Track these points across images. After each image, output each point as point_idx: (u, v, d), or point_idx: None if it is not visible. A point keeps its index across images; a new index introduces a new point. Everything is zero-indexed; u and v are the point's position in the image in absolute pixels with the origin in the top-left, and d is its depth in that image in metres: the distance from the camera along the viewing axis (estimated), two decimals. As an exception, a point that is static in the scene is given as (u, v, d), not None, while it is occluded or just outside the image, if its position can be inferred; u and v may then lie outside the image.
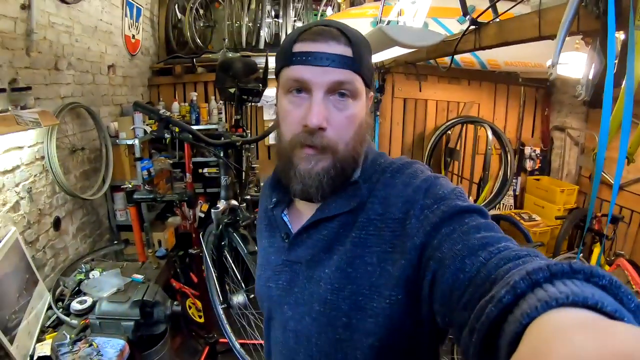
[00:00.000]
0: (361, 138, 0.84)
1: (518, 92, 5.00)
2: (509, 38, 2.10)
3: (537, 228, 4.31)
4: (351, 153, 0.82)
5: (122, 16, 3.76)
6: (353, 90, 0.79)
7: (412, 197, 0.77)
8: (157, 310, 2.36)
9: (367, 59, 0.82)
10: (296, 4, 4.95)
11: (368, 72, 0.82)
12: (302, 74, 0.77)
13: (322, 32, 0.78)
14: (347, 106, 0.79)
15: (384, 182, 0.83)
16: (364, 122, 0.84)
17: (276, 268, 0.92)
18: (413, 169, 0.83)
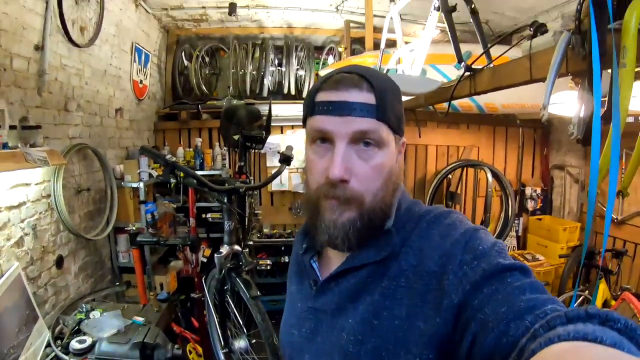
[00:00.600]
0: (391, 188, 0.81)
1: (516, 134, 5.09)
2: (502, 83, 2.18)
3: (541, 268, 4.26)
4: (379, 204, 0.79)
5: (130, 61, 3.90)
6: (378, 139, 0.76)
7: (450, 250, 0.71)
8: (157, 353, 2.32)
9: (393, 105, 0.79)
10: (299, 53, 5.13)
11: (395, 118, 0.79)
12: (324, 125, 0.76)
13: (343, 80, 0.77)
14: (373, 156, 0.77)
15: (420, 233, 0.79)
16: (393, 170, 0.81)
17: (301, 315, 0.89)
18: (451, 219, 0.79)
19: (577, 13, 1.45)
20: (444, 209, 0.83)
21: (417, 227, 0.80)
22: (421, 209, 0.84)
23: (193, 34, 5.10)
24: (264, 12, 4.63)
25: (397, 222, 0.82)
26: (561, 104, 2.38)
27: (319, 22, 4.93)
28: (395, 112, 0.80)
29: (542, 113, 1.70)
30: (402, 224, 0.81)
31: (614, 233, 4.03)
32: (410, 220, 0.82)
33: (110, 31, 3.44)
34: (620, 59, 1.28)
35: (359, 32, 4.79)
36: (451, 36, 2.60)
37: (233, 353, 2.45)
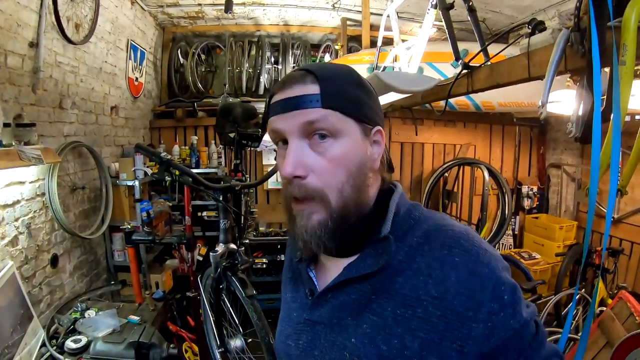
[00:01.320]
0: (361, 181, 0.75)
1: (513, 132, 5.10)
2: (499, 80, 2.17)
3: (537, 266, 4.28)
4: (350, 200, 0.73)
5: (126, 59, 3.88)
6: (329, 128, 0.72)
7: (478, 293, 0.67)
8: (153, 352, 2.31)
9: (346, 91, 0.74)
10: (295, 51, 5.11)
11: (350, 104, 0.74)
12: (275, 124, 0.75)
13: (287, 79, 0.75)
14: (328, 148, 0.72)
15: (435, 254, 0.71)
16: (363, 162, 0.75)
17: (297, 326, 0.84)
18: (471, 243, 0.71)
19: (576, 10, 1.44)
20: (457, 228, 0.75)
21: (430, 245, 0.72)
22: (423, 214, 0.79)
23: (189, 31, 5.07)
24: (261, 10, 4.61)
25: (396, 228, 0.76)
26: (558, 103, 2.37)
27: (316, 19, 4.91)
28: (350, 97, 0.74)
29: (541, 111, 1.69)
30: (401, 231, 0.76)
31: (611, 232, 4.05)
32: (412, 228, 0.76)
33: (106, 28, 3.41)
34: (620, 56, 1.27)
35: (356, 30, 4.79)
36: (449, 34, 2.59)
37: (229, 352, 2.43)
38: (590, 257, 3.57)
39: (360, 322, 0.73)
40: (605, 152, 1.50)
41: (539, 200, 5.13)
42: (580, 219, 4.65)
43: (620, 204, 3.98)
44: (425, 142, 4.97)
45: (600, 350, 2.35)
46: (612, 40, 1.30)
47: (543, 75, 1.66)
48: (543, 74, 1.66)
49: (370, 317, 0.72)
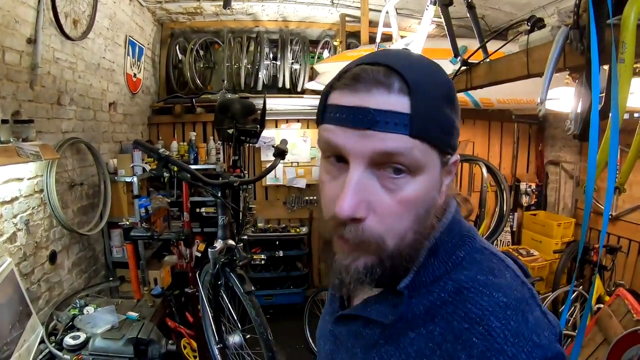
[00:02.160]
0: (427, 228, 0.61)
1: (512, 129, 5.10)
2: (498, 77, 2.17)
3: (535, 263, 4.29)
4: (409, 248, 0.59)
5: (124, 55, 3.87)
6: (411, 163, 0.55)
7: None
8: (151, 348, 2.31)
9: (439, 111, 0.57)
10: (294, 47, 5.10)
11: (440, 130, 0.57)
12: (334, 138, 0.57)
13: (363, 75, 0.55)
14: (402, 186, 0.56)
15: (456, 328, 0.56)
16: (434, 204, 0.61)
17: (326, 332, 0.79)
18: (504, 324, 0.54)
19: (575, 8, 1.44)
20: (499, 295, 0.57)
21: (455, 308, 0.57)
22: (469, 263, 0.62)
23: (187, 27, 5.06)
24: (259, 6, 4.60)
25: (427, 271, 0.62)
26: (557, 100, 2.38)
27: (315, 15, 4.90)
28: (443, 122, 0.57)
29: (539, 108, 1.69)
30: (432, 277, 0.62)
31: (608, 229, 4.06)
32: (447, 275, 0.61)
33: (104, 24, 3.40)
34: (619, 54, 1.28)
35: (355, 26, 4.78)
36: (447, 30, 2.58)
37: (227, 348, 2.44)
38: (588, 254, 3.59)
39: (367, 358, 0.66)
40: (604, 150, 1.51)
41: (537, 197, 5.14)
42: (578, 216, 4.66)
43: (618, 201, 3.99)
44: (423, 139, 4.97)
45: (598, 347, 2.36)
46: (611, 38, 1.31)
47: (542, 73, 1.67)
48: (542, 71, 1.67)
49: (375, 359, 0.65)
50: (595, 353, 2.36)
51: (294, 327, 4.35)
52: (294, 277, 5.03)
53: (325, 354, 0.78)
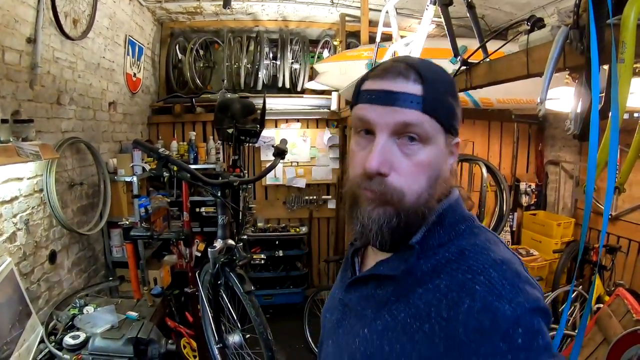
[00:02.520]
0: (437, 192, 0.76)
1: (511, 129, 5.09)
2: (498, 77, 2.17)
3: (535, 263, 4.29)
4: (422, 207, 0.74)
5: (124, 54, 3.87)
6: (422, 133, 0.72)
7: (488, 330, 0.63)
8: (151, 348, 2.32)
9: (444, 99, 0.75)
10: (294, 46, 5.10)
11: (445, 113, 0.74)
12: (366, 114, 0.74)
13: (390, 69, 0.74)
14: (417, 152, 0.72)
15: (462, 280, 0.68)
16: (442, 172, 0.76)
17: (335, 302, 0.90)
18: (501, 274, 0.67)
19: (575, 7, 1.44)
20: (496, 254, 0.71)
21: (458, 264, 0.70)
22: (470, 234, 0.76)
23: (187, 26, 5.06)
24: (259, 5, 4.60)
25: (434, 237, 0.75)
26: (557, 100, 2.37)
27: (314, 15, 4.90)
28: (446, 106, 0.75)
29: (539, 108, 1.69)
30: (438, 241, 0.75)
31: (608, 229, 4.06)
32: (450, 241, 0.75)
33: (104, 24, 3.40)
34: (619, 54, 1.27)
35: (355, 25, 4.78)
36: (447, 30, 2.58)
37: (227, 348, 2.44)
38: (588, 254, 3.58)
39: (377, 317, 0.76)
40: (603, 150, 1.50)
41: (536, 197, 5.14)
42: (578, 216, 4.66)
43: (618, 201, 3.99)
44: (423, 139, 4.96)
45: (597, 347, 2.36)
46: (611, 37, 1.30)
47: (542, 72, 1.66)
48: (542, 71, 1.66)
49: (385, 317, 0.74)
50: (595, 353, 2.36)
51: (294, 327, 4.36)
52: (294, 276, 5.05)
53: (331, 324, 0.88)
